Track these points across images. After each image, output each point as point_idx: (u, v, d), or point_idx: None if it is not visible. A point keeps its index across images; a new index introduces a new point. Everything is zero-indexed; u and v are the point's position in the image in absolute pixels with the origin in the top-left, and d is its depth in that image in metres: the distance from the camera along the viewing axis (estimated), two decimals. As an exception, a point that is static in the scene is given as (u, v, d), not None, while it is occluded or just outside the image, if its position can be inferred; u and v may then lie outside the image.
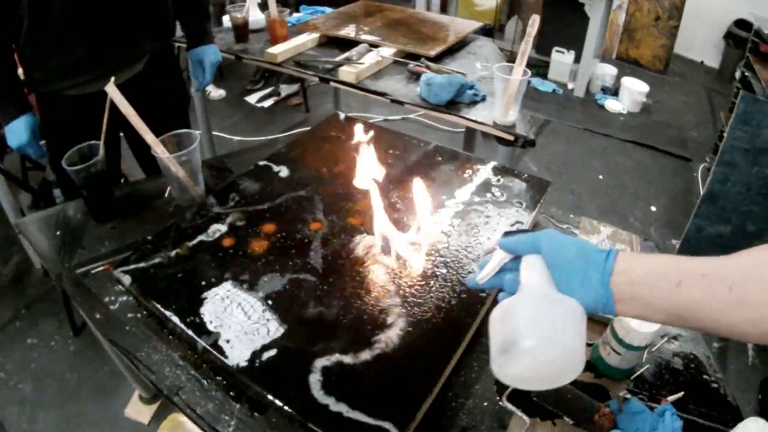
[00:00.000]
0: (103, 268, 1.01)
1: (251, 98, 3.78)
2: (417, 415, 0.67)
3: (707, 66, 4.73)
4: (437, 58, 1.84)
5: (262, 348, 0.76)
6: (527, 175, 1.18)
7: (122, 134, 1.48)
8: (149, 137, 1.02)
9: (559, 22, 4.01)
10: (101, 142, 1.05)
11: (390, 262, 0.91)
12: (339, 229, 0.98)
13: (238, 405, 0.77)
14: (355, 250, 0.93)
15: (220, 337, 0.78)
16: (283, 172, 1.14)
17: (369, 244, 0.95)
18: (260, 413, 0.76)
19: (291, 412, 0.67)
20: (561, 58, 4.08)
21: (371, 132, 1.23)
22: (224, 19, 2.13)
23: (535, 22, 1.36)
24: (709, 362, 0.90)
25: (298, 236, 0.96)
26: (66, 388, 1.73)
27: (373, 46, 1.87)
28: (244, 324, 0.79)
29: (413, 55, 1.84)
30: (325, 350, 0.74)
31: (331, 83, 1.74)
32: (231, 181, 1.12)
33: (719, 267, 0.49)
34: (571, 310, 0.52)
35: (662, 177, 3.10)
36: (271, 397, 0.69)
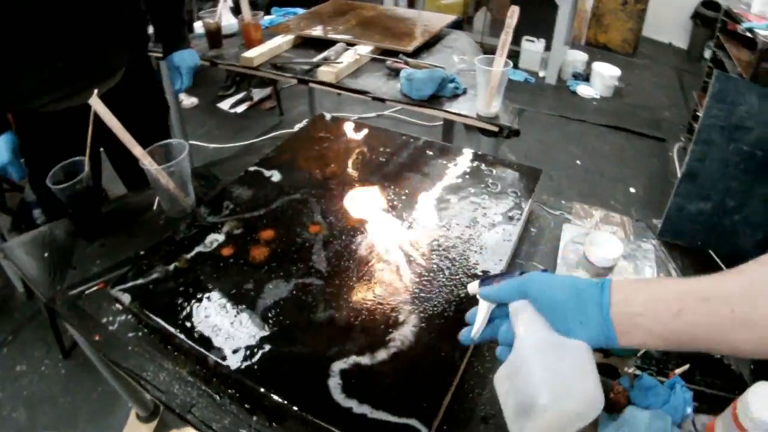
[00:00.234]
0: (97, 287, 0.98)
1: (224, 104, 3.74)
2: (440, 410, 0.67)
3: (675, 47, 4.85)
4: (414, 54, 1.84)
5: (276, 357, 0.75)
6: (518, 165, 1.19)
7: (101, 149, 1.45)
8: (137, 150, 0.99)
9: (527, 11, 4.04)
10: (86, 157, 1.02)
11: (394, 260, 0.91)
12: (339, 230, 0.97)
13: (255, 417, 0.75)
14: (358, 250, 0.93)
15: (230, 349, 0.76)
16: (275, 176, 1.13)
17: (371, 243, 0.94)
18: (278, 423, 0.74)
19: (314, 420, 0.66)
20: (531, 47, 4.13)
21: (364, 130, 1.23)
22: (196, 25, 2.09)
23: (515, 13, 1.37)
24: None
25: (299, 240, 0.95)
26: (61, 413, 1.69)
27: (350, 44, 1.86)
28: (254, 334, 0.78)
29: (390, 52, 1.84)
30: (341, 353, 0.73)
31: (311, 84, 1.73)
32: (222, 189, 1.10)
33: (719, 288, 0.48)
34: (578, 351, 0.50)
35: (639, 159, 3.17)
36: (293, 407, 0.68)
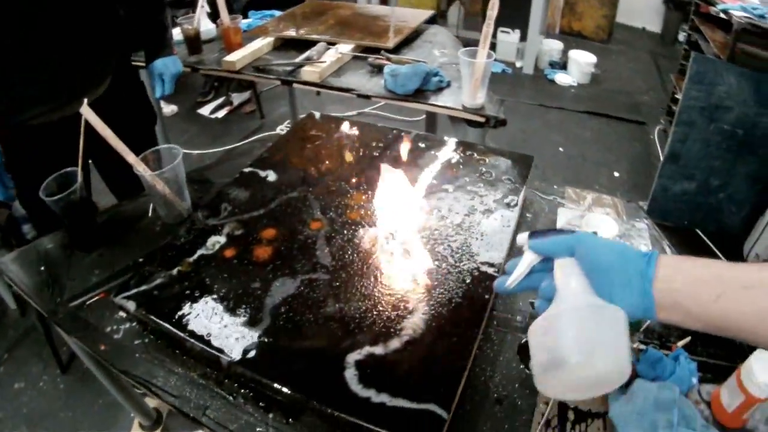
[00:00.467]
0: (98, 297, 0.97)
1: (204, 110, 3.70)
2: (457, 393, 0.68)
3: (649, 31, 4.93)
4: (395, 50, 1.85)
5: (290, 352, 0.75)
6: (510, 152, 1.21)
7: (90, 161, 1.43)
8: (131, 157, 0.99)
9: (502, 1, 4.08)
10: (79, 168, 1.01)
11: (398, 250, 0.92)
12: (340, 225, 0.98)
13: (271, 414, 0.76)
14: (361, 243, 0.93)
15: (243, 348, 0.76)
16: (270, 176, 1.13)
17: (374, 235, 0.95)
18: (295, 419, 0.75)
19: (334, 412, 0.67)
20: (507, 38, 4.16)
21: (355, 127, 1.23)
22: (174, 32, 2.07)
23: (495, 5, 1.39)
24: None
25: (301, 237, 0.95)
26: (63, 428, 1.67)
27: (331, 43, 1.86)
28: (266, 332, 0.78)
29: (371, 49, 1.85)
30: (354, 345, 0.74)
31: (295, 85, 1.73)
32: (219, 192, 1.10)
33: (762, 277, 0.47)
34: (616, 318, 0.51)
35: (620, 143, 3.22)
36: (313, 402, 0.68)
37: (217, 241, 0.96)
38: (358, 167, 1.15)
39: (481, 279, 0.86)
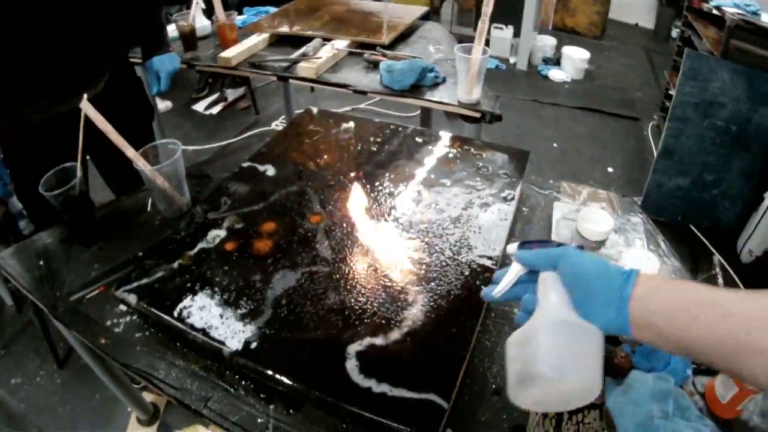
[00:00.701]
0: (98, 291, 0.98)
1: (198, 106, 3.69)
2: (456, 383, 0.69)
3: (642, 27, 4.95)
4: (391, 46, 1.85)
5: (291, 344, 0.76)
6: (507, 147, 1.22)
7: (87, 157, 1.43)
8: (130, 152, 0.99)
9: (495, -1, 4.10)
10: (78, 162, 1.01)
11: (397, 243, 0.93)
12: (339, 218, 0.99)
13: (272, 406, 0.77)
14: (361, 236, 0.94)
15: (244, 340, 0.77)
16: (269, 171, 1.13)
17: (373, 229, 0.96)
18: (296, 410, 0.76)
19: (336, 401, 0.68)
20: (500, 34, 4.17)
21: (352, 122, 1.24)
22: (169, 28, 2.07)
23: (491, 1, 1.40)
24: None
25: (301, 231, 0.96)
26: (61, 423, 1.66)
27: (326, 39, 1.87)
28: (267, 324, 0.79)
29: (367, 45, 1.85)
30: (355, 336, 0.75)
31: (291, 81, 1.73)
32: (218, 186, 1.10)
33: (740, 308, 0.46)
34: (590, 335, 0.51)
35: (614, 139, 3.23)
36: (315, 392, 0.69)
37: (217, 234, 0.96)
38: (357, 162, 1.16)
39: (480, 271, 0.87)
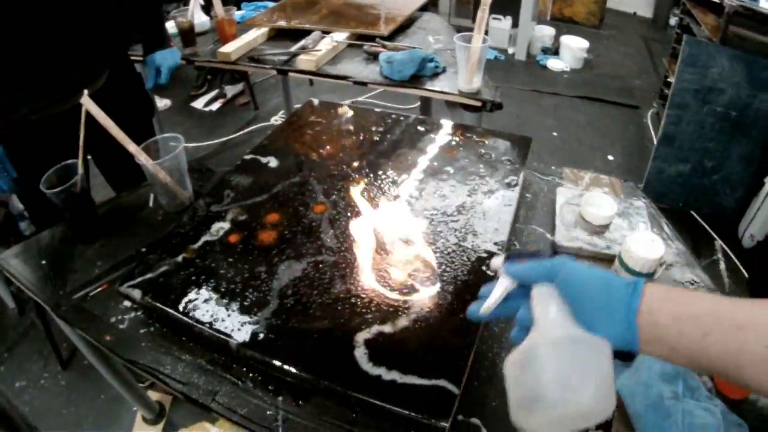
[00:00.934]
0: (102, 288, 0.97)
1: (197, 103, 3.68)
2: (466, 369, 0.69)
3: (640, 16, 4.93)
4: (390, 37, 1.84)
5: (299, 334, 0.75)
6: (509, 134, 1.21)
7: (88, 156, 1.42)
8: (132, 147, 0.98)
9: (493, -11, 4.08)
10: (79, 159, 1.00)
11: (402, 231, 0.92)
12: (343, 207, 0.98)
13: (281, 398, 0.76)
14: (365, 225, 0.94)
15: (251, 332, 0.76)
16: (272, 162, 1.13)
17: (378, 217, 0.95)
18: (305, 401, 0.75)
19: (346, 390, 0.67)
20: (498, 25, 4.15)
21: (353, 112, 1.23)
22: (167, 25, 2.06)
23: (490, -10, 1.39)
24: (703, 284, 0.96)
25: (305, 221, 0.96)
26: (67, 425, 1.66)
27: (325, 32, 1.86)
28: (274, 314, 0.78)
29: (366, 37, 1.84)
30: (363, 324, 0.75)
31: (291, 74, 1.72)
32: (221, 179, 1.10)
33: (756, 319, 0.43)
34: (598, 350, 0.47)
35: (614, 127, 3.23)
36: (325, 381, 0.69)
37: (221, 227, 0.96)
38: (359, 151, 1.15)
39: (485, 257, 0.86)
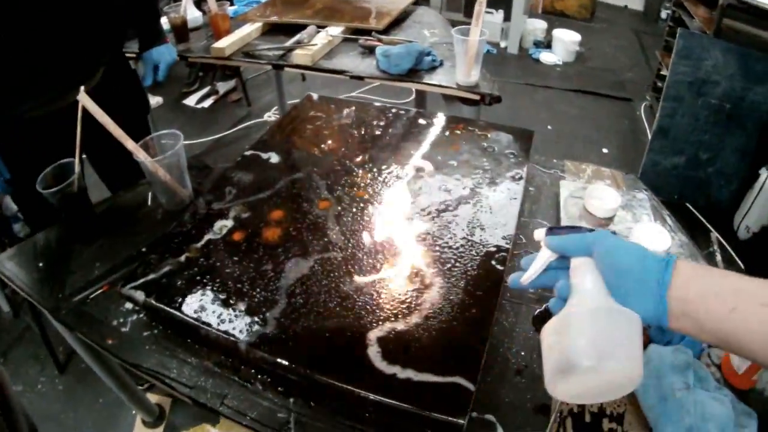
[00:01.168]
0: (102, 290, 0.95)
1: (189, 101, 3.63)
2: (480, 365, 0.68)
3: (632, 9, 4.94)
4: (385, 31, 1.83)
5: (309, 334, 0.74)
6: (510, 127, 1.20)
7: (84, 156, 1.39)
8: (130, 144, 0.96)
9: (484, -18, 4.07)
10: (76, 158, 0.98)
11: (409, 226, 0.91)
12: (348, 203, 0.97)
13: (292, 399, 0.74)
14: (371, 220, 0.93)
15: (260, 333, 0.75)
16: (273, 158, 1.11)
17: (383, 212, 0.94)
18: (317, 402, 0.73)
19: (362, 393, 0.66)
20: (490, 18, 4.14)
21: (353, 107, 1.22)
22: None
23: (486, -16, 1.38)
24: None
25: (310, 217, 0.94)
26: (65, 430, 1.64)
27: (320, 27, 1.84)
28: (283, 314, 0.77)
29: (361, 31, 1.82)
30: (374, 322, 0.73)
31: (286, 69, 1.70)
32: (222, 175, 1.07)
33: None
34: (630, 322, 0.49)
35: (608, 120, 3.23)
36: (339, 383, 0.68)
37: (224, 225, 0.94)
38: (362, 146, 1.14)
39: (494, 251, 0.86)
